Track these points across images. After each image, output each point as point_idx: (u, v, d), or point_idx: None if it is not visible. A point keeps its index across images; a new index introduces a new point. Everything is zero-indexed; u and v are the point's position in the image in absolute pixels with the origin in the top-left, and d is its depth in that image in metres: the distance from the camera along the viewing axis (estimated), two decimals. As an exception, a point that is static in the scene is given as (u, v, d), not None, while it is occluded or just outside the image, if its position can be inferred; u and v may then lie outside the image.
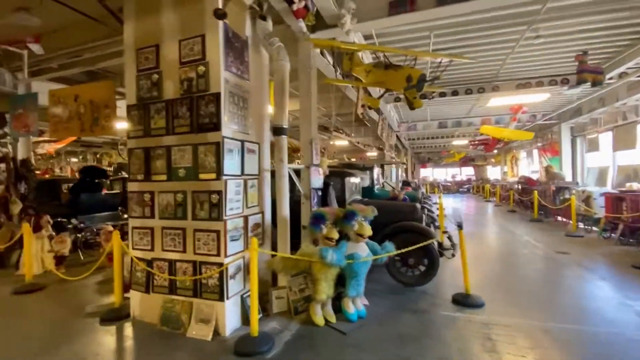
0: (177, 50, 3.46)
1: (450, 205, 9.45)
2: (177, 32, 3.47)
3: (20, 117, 6.06)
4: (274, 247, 4.07)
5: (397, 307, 3.94)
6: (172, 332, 3.35)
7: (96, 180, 8.19)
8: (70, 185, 8.11)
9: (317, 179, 4.26)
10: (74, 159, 20.91)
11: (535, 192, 10.72)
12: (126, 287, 4.02)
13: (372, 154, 21.22)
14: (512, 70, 7.63)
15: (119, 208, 8.26)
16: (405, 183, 12.96)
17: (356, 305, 3.61)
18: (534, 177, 14.62)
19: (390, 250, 3.75)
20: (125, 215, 8.22)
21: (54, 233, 6.13)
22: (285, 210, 3.86)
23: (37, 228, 5.75)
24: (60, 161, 19.98)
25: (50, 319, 3.83)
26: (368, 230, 3.57)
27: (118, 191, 9.32)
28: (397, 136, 14.66)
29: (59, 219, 6.78)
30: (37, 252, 5.67)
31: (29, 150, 6.77)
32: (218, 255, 3.29)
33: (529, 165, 18.53)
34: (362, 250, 3.57)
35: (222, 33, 3.31)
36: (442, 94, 8.28)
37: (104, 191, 8.88)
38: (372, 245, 3.70)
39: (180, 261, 3.46)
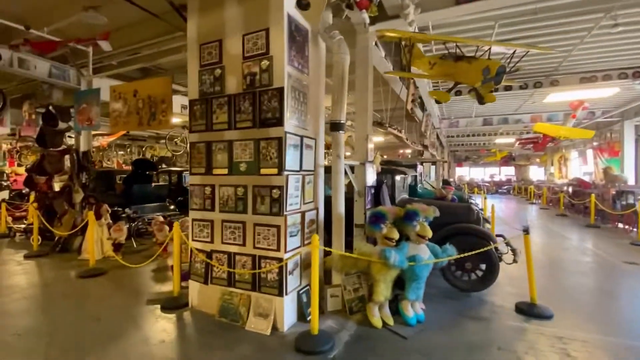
0: (240, 44, 3.47)
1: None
2: (240, 27, 3.48)
3: (84, 111, 6.45)
4: (326, 245, 4.01)
5: (455, 313, 3.76)
6: (230, 324, 3.40)
7: (147, 172, 8.58)
8: (123, 176, 8.59)
9: (371, 177, 4.14)
10: (121, 152, 22.23)
11: (593, 195, 9.89)
12: (182, 277, 4.15)
13: (407, 151, 20.67)
14: (577, 62, 7.01)
15: (167, 200, 8.63)
16: (445, 182, 12.49)
17: (415, 309, 3.47)
18: (587, 179, 13.53)
19: (451, 253, 3.57)
20: (172, 207, 8.59)
21: (111, 221, 6.50)
22: (340, 207, 3.79)
23: (97, 216, 6.11)
24: (109, 154, 21.31)
25: (115, 303, 4.03)
26: (430, 232, 3.41)
27: (165, 183, 9.73)
28: (436, 133, 14.13)
29: (115, 208, 7.19)
30: (97, 239, 6.04)
31: (89, 143, 7.20)
32: (278, 250, 3.28)
33: (581, 167, 17.19)
34: (424, 253, 3.41)
35: (286, 26, 3.26)
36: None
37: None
38: (433, 248, 3.53)
39: (240, 254, 3.49)
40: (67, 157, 7.00)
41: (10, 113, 7.92)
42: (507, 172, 33.13)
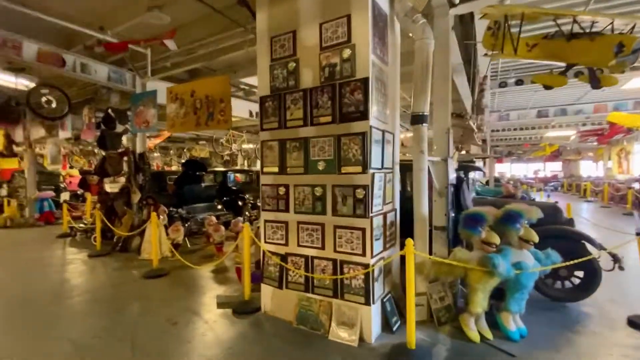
0: (317, 34, 3.23)
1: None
2: (317, 15, 3.24)
3: (141, 113, 6.56)
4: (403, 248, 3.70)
5: (558, 326, 3.32)
6: (311, 332, 3.19)
7: (197, 173, 8.69)
8: (174, 177, 8.75)
9: (452, 174, 3.78)
10: (158, 154, 23.06)
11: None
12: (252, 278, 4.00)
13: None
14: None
15: (215, 200, 8.69)
16: (496, 180, 11.72)
17: (516, 321, 3.09)
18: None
19: (556, 260, 3.14)
20: (220, 206, 8.62)
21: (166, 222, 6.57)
22: (424, 207, 3.46)
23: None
24: (148, 155, 22.18)
25: (187, 306, 3.95)
26: (536, 236, 3.01)
27: (212, 183, 9.82)
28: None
29: (169, 209, 7.30)
30: (157, 239, 6.10)
31: (144, 145, 7.35)
32: (363, 255, 3.02)
33: (647, 160, 15.57)
34: (528, 259, 3.02)
35: (370, 11, 2.99)
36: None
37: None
38: (535, 253, 3.13)
39: (319, 258, 3.27)
40: (125, 158, 7.18)
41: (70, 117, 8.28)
42: (551, 168, 31.09)
